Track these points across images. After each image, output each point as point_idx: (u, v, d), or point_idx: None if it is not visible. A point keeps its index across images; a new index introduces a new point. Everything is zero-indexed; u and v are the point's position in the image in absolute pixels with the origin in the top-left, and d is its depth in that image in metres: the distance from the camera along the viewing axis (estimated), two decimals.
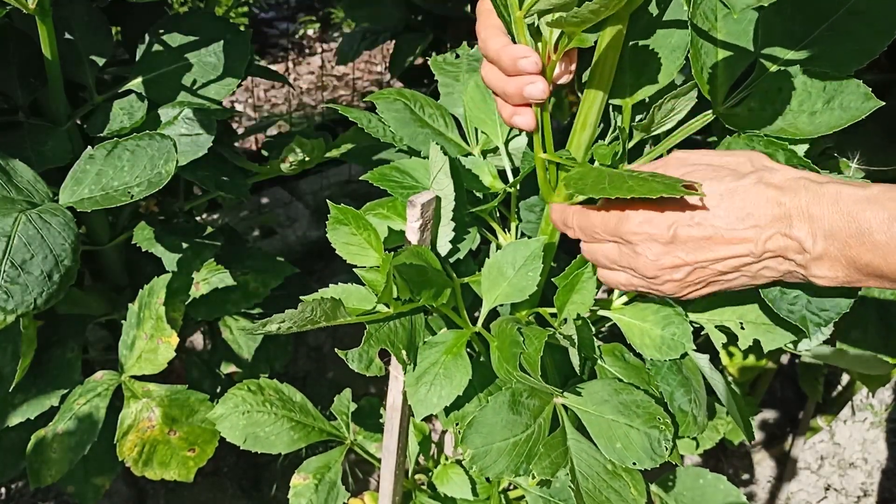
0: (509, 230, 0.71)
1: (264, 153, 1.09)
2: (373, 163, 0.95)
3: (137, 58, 0.93)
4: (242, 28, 0.95)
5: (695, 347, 0.66)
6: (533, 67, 0.49)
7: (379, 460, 0.82)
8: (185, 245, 1.02)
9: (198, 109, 0.87)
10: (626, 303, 0.69)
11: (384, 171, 0.65)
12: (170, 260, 1.01)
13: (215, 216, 2.15)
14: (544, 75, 0.50)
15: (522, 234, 0.70)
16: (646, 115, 0.56)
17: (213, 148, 0.87)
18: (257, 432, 0.78)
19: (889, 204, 0.43)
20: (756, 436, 1.81)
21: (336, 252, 0.64)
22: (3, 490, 1.52)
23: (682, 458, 1.69)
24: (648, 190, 0.46)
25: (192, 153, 0.86)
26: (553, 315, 0.68)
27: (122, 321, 0.94)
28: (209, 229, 1.10)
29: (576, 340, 0.57)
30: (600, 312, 0.70)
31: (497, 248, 0.70)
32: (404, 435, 0.77)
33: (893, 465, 1.79)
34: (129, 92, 0.91)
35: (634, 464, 0.60)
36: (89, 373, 0.93)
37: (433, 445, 0.91)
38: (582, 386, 0.64)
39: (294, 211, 2.33)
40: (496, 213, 0.70)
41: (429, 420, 0.83)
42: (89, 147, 0.78)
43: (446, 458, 0.88)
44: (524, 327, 0.60)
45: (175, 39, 0.93)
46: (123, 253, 1.09)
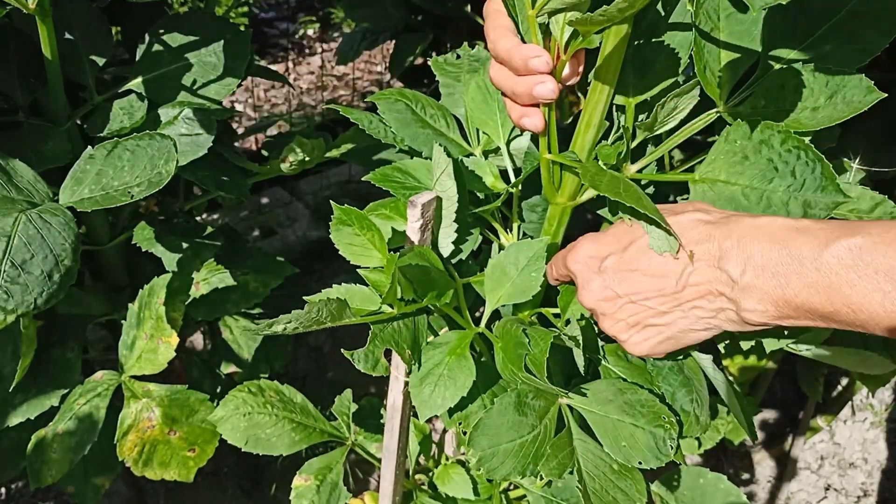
0: (511, 230, 0.70)
1: (264, 153, 1.09)
2: (373, 163, 0.95)
3: (137, 58, 0.93)
4: (242, 28, 0.95)
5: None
6: (544, 67, 0.49)
7: (379, 460, 0.82)
8: (185, 245, 1.02)
9: (198, 109, 0.87)
10: None
11: (386, 172, 0.65)
12: (170, 260, 1.00)
13: (215, 216, 2.15)
14: (553, 76, 0.50)
15: (524, 235, 0.70)
16: (648, 115, 0.56)
17: (213, 148, 0.87)
18: (258, 434, 0.78)
19: (819, 233, 0.42)
20: (756, 436, 1.81)
21: (336, 252, 0.63)
22: (3, 490, 1.52)
23: (684, 457, 1.69)
24: (643, 206, 0.47)
25: (192, 153, 0.86)
26: (556, 315, 0.67)
27: (122, 321, 0.93)
28: (209, 229, 1.10)
29: (580, 341, 0.57)
30: None
31: (499, 248, 0.70)
32: (405, 435, 0.77)
33: (893, 465, 1.79)
34: (129, 92, 0.91)
35: (640, 463, 0.60)
36: (89, 373, 0.93)
37: (434, 445, 0.91)
38: (587, 386, 0.64)
39: (294, 211, 2.33)
40: (498, 213, 0.70)
41: (429, 420, 0.83)
42: (89, 147, 0.78)
43: (447, 458, 0.88)
44: (529, 328, 0.60)
45: (175, 39, 0.92)
46: (123, 253, 1.09)
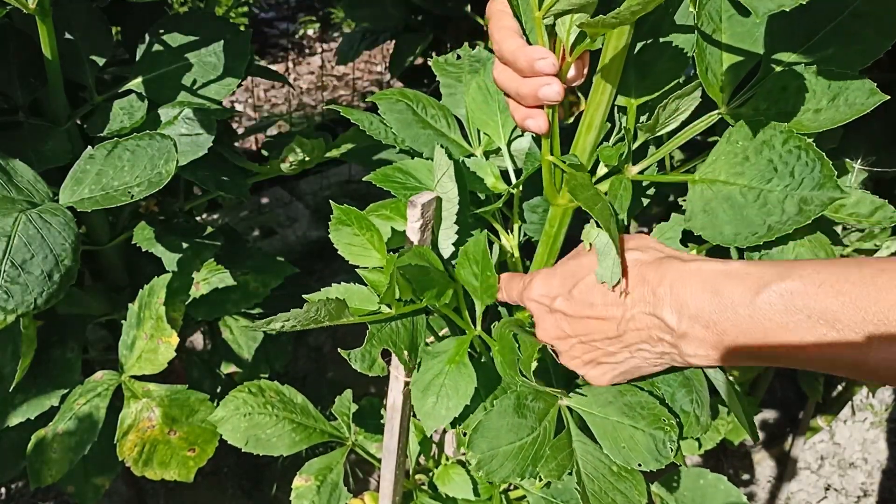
0: (512, 231, 0.70)
1: (264, 153, 1.09)
2: (373, 163, 0.95)
3: (137, 58, 0.93)
4: (242, 28, 0.95)
5: None
6: (550, 69, 0.49)
7: (379, 460, 0.82)
8: (185, 245, 1.02)
9: (198, 109, 0.87)
10: None
11: (387, 172, 0.65)
12: (170, 260, 1.00)
13: (215, 216, 2.15)
14: (558, 77, 0.50)
15: (525, 236, 0.70)
16: (650, 116, 0.56)
17: (213, 148, 0.87)
18: (259, 434, 0.78)
19: (749, 278, 0.42)
20: (758, 436, 1.80)
21: (336, 252, 0.63)
22: (3, 490, 1.52)
23: (684, 459, 1.69)
24: (609, 229, 0.48)
25: (192, 153, 0.86)
26: None
27: (122, 321, 0.93)
28: (209, 229, 1.10)
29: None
30: None
31: (500, 249, 0.70)
32: (405, 435, 0.77)
33: (893, 465, 1.79)
34: (129, 92, 0.91)
35: (640, 465, 0.60)
36: (89, 373, 0.93)
37: (434, 445, 0.91)
38: (586, 388, 0.64)
39: (294, 211, 2.33)
40: (499, 214, 0.70)
41: None
42: (89, 147, 0.78)
43: (447, 459, 0.88)
44: (521, 333, 0.60)
45: (175, 39, 0.92)
46: (123, 253, 1.09)
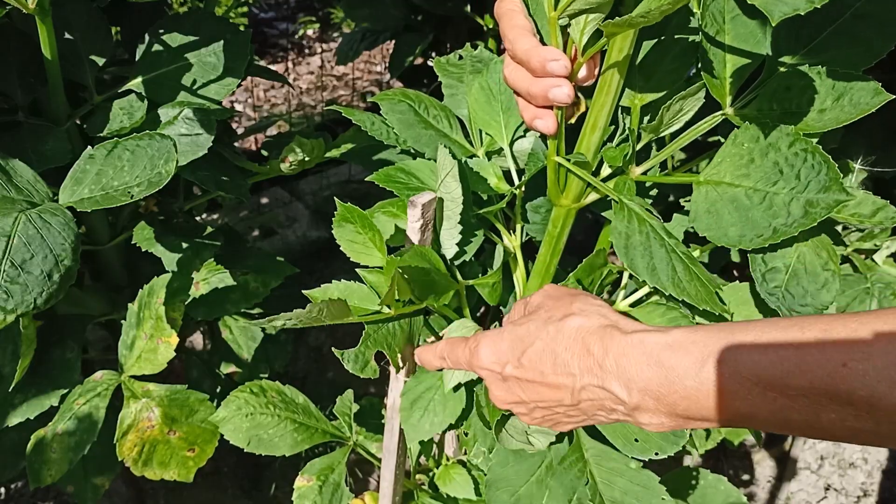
0: (514, 232, 0.70)
1: (264, 153, 1.09)
2: (373, 163, 0.95)
3: (137, 58, 0.93)
4: (242, 28, 0.95)
5: None
6: (563, 71, 0.49)
7: (379, 460, 0.82)
8: (184, 245, 1.02)
9: (198, 109, 0.87)
10: (632, 304, 0.69)
11: (390, 173, 0.65)
12: (170, 260, 1.00)
13: (215, 216, 2.15)
14: (569, 78, 0.50)
15: (528, 236, 0.70)
16: (653, 117, 0.56)
17: (212, 148, 0.87)
18: (260, 434, 0.78)
19: (692, 347, 0.43)
20: (761, 436, 1.80)
21: (336, 252, 0.64)
22: (2, 490, 1.52)
23: (683, 459, 1.69)
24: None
25: (192, 153, 0.86)
26: None
27: (122, 321, 0.93)
28: (209, 229, 1.10)
29: None
30: None
31: (503, 249, 0.70)
32: (405, 435, 0.77)
33: (893, 465, 1.79)
34: (129, 92, 0.91)
35: (657, 454, 0.60)
36: (89, 373, 0.93)
37: (434, 445, 0.91)
38: None
39: (294, 211, 2.33)
40: (501, 214, 0.70)
41: None
42: (89, 147, 0.78)
43: (447, 459, 0.88)
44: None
45: (175, 39, 0.92)
46: (123, 253, 1.09)
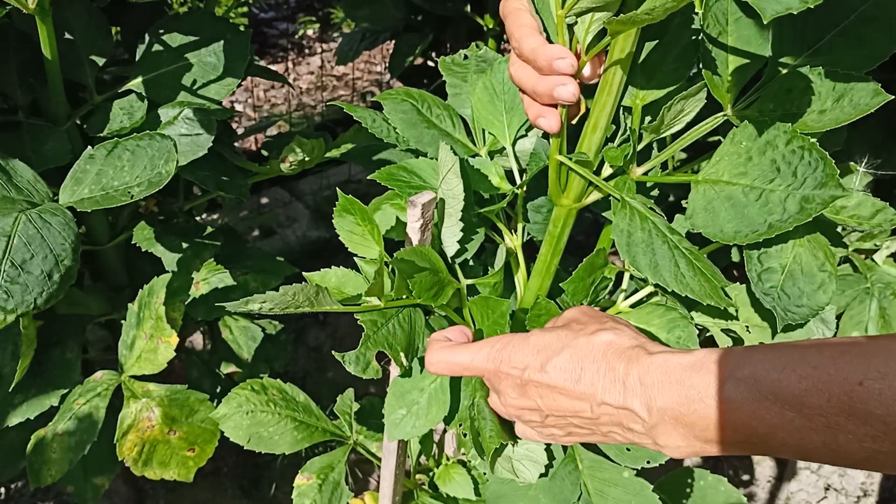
0: (515, 231, 0.71)
1: (264, 153, 1.09)
2: (373, 163, 0.95)
3: (137, 58, 0.93)
4: (242, 28, 0.95)
5: None
6: (569, 69, 0.49)
7: (379, 459, 0.82)
8: (184, 245, 1.02)
9: (198, 109, 0.87)
10: (632, 305, 0.69)
11: (392, 171, 0.65)
12: (170, 260, 1.00)
13: (215, 216, 2.15)
14: (574, 77, 0.50)
15: (529, 235, 0.70)
16: (655, 117, 0.56)
17: (213, 148, 0.87)
18: (261, 432, 0.78)
19: (713, 367, 0.43)
20: None
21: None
22: (2, 490, 1.52)
23: (683, 460, 1.69)
24: None
25: (192, 153, 0.86)
26: None
27: (122, 321, 0.93)
28: (209, 229, 1.10)
29: None
30: None
31: (505, 249, 0.70)
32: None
33: None
34: (129, 92, 0.91)
35: (648, 462, 0.60)
36: (89, 373, 0.93)
37: (434, 445, 0.91)
38: None
39: (294, 211, 2.33)
40: (502, 214, 0.70)
41: None
42: (89, 147, 0.78)
43: (447, 459, 0.88)
44: (483, 419, 0.60)
45: (175, 39, 0.92)
46: (123, 253, 1.09)
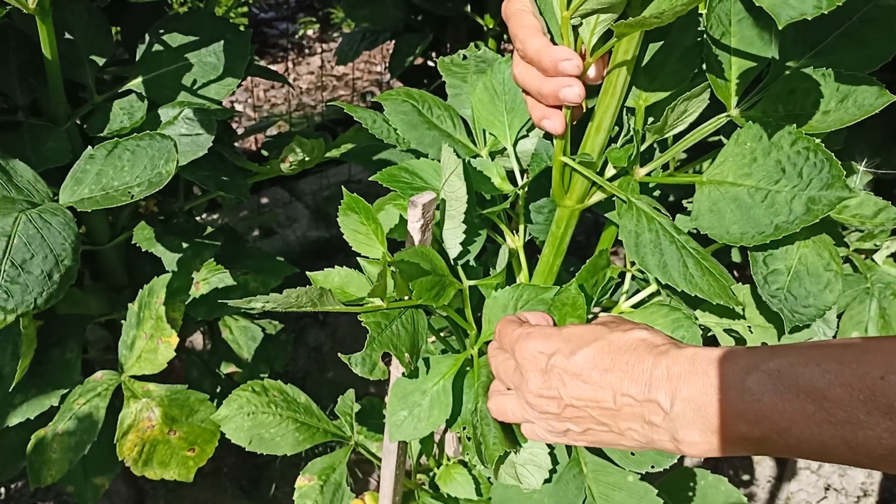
0: (517, 232, 0.71)
1: (264, 153, 1.09)
2: (373, 163, 0.95)
3: (137, 58, 0.93)
4: (242, 28, 0.95)
5: None
6: (574, 70, 0.49)
7: (380, 460, 0.82)
8: (185, 245, 1.02)
9: (198, 109, 0.87)
10: (635, 306, 0.69)
11: (393, 172, 0.65)
12: (170, 260, 1.00)
13: (215, 216, 2.15)
14: (579, 78, 0.50)
15: (531, 237, 0.70)
16: (658, 118, 0.56)
17: (213, 148, 0.87)
18: (262, 433, 0.78)
19: (739, 360, 0.42)
20: None
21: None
22: (2, 490, 1.52)
23: (683, 460, 1.69)
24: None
25: (192, 153, 0.86)
26: None
27: (122, 321, 0.93)
28: (209, 229, 1.10)
29: None
30: None
31: (507, 250, 0.70)
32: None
33: None
34: (129, 92, 0.91)
35: (653, 467, 0.60)
36: (89, 373, 0.93)
37: (435, 445, 0.91)
38: None
39: (294, 211, 2.33)
40: (503, 214, 0.70)
41: None
42: (89, 147, 0.78)
43: (448, 459, 0.88)
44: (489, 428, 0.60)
45: (175, 39, 0.92)
46: (123, 253, 1.09)
